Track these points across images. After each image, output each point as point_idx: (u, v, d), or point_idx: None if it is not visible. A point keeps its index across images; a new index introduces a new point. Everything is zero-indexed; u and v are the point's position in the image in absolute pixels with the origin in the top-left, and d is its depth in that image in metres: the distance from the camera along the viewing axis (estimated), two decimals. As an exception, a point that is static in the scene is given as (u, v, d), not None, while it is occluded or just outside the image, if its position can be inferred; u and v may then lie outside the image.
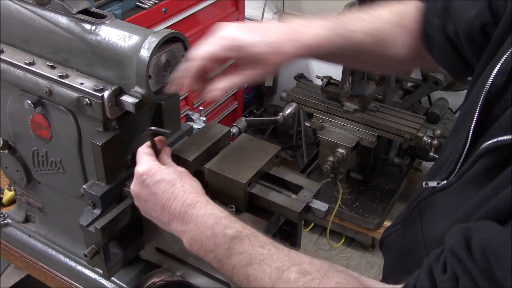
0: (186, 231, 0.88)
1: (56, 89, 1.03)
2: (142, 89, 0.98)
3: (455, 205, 0.81)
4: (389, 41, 1.02)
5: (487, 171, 0.76)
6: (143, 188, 0.93)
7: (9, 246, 1.41)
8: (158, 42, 0.95)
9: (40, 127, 1.13)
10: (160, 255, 1.16)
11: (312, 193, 1.02)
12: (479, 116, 0.80)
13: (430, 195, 0.92)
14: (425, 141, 2.41)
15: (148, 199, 0.93)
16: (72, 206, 1.20)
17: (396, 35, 1.02)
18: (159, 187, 0.91)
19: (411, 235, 0.94)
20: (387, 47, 1.02)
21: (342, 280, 0.76)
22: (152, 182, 0.91)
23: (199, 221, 0.87)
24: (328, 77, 2.71)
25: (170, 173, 0.92)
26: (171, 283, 1.19)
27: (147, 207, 0.94)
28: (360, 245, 2.90)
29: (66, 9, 1.02)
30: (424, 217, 0.92)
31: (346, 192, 2.82)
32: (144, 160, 0.95)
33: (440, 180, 0.89)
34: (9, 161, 1.24)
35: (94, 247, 1.05)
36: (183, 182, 0.92)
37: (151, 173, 0.92)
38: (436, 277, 0.65)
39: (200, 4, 2.66)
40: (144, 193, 0.93)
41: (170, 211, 0.90)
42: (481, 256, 0.60)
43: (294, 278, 0.77)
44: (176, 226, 0.90)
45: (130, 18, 2.25)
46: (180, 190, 0.90)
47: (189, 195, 0.90)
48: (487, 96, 0.79)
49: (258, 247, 0.82)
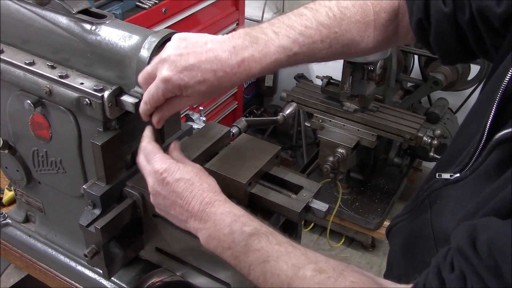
0: (204, 229, 0.89)
1: (56, 89, 1.03)
2: (142, 89, 0.97)
3: (466, 198, 0.82)
4: (353, 41, 1.00)
5: (498, 164, 0.77)
6: (163, 186, 0.93)
7: (9, 246, 1.41)
8: (158, 42, 0.95)
9: (40, 127, 1.13)
10: (160, 255, 1.16)
11: (312, 193, 1.02)
12: (495, 113, 0.80)
13: (442, 187, 0.92)
14: (425, 141, 2.41)
15: (168, 197, 0.93)
16: (72, 206, 1.20)
17: (360, 33, 1.00)
18: (179, 185, 0.91)
19: (419, 225, 0.95)
20: (350, 46, 1.01)
21: (357, 279, 0.77)
22: (172, 180, 0.92)
23: (217, 219, 0.88)
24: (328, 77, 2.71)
25: (189, 171, 0.93)
26: (171, 283, 1.19)
27: (165, 205, 0.94)
28: (360, 245, 2.90)
29: (66, 9, 1.02)
30: (434, 208, 0.92)
31: (346, 192, 2.82)
32: (160, 157, 0.94)
33: (454, 173, 0.90)
34: (9, 161, 1.24)
35: (94, 247, 1.05)
36: (202, 181, 0.92)
37: (170, 171, 0.92)
38: (444, 276, 0.66)
39: (200, 4, 2.66)
40: (164, 191, 0.93)
41: (189, 209, 0.90)
42: (488, 254, 0.60)
43: (310, 276, 0.78)
44: (194, 224, 0.90)
45: (130, 18, 2.25)
46: (199, 189, 0.91)
47: (208, 194, 0.91)
48: (504, 94, 0.79)
49: (275, 244, 0.83)
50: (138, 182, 1.07)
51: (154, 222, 1.09)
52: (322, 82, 2.70)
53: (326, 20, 0.96)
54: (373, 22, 1.01)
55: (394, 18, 1.03)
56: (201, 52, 0.88)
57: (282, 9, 3.45)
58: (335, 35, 0.97)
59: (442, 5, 0.95)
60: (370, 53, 1.06)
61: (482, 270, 0.61)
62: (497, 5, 0.86)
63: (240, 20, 3.04)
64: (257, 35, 0.90)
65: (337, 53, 1.00)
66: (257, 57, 0.89)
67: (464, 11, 0.93)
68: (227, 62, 0.88)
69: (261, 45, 0.89)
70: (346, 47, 1.00)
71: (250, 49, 0.89)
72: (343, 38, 0.98)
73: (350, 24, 0.99)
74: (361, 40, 1.01)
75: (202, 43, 0.90)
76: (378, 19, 1.01)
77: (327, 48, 0.98)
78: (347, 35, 0.98)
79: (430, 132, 2.44)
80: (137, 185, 1.06)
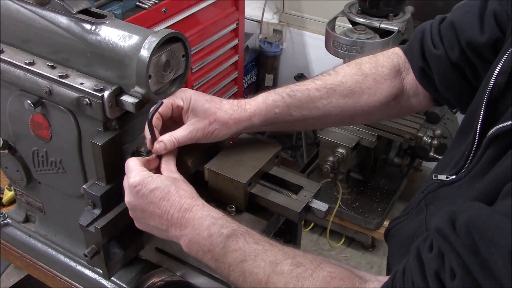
0: (184, 235, 0.89)
1: (56, 89, 1.03)
2: (142, 89, 0.98)
3: (461, 198, 0.83)
4: (359, 91, 1.05)
5: (493, 161, 0.77)
6: (138, 199, 0.93)
7: (9, 246, 1.41)
8: (158, 42, 0.95)
9: (40, 127, 1.13)
10: (160, 255, 1.16)
11: (312, 193, 1.02)
12: (485, 114, 0.82)
13: (438, 188, 0.93)
14: (425, 141, 2.41)
15: (145, 209, 0.93)
16: (72, 206, 1.20)
17: (367, 84, 1.05)
18: (155, 195, 0.91)
19: (415, 225, 0.96)
20: (357, 97, 1.05)
21: (335, 270, 0.78)
22: (147, 191, 0.91)
23: (196, 224, 0.88)
24: (328, 77, 2.70)
25: (164, 180, 0.93)
26: (171, 283, 1.19)
27: (144, 217, 0.95)
28: (360, 245, 2.90)
29: (66, 9, 1.02)
30: (430, 209, 0.93)
31: (346, 192, 2.82)
32: (135, 171, 0.94)
33: (450, 175, 0.91)
34: (9, 161, 1.24)
35: (94, 247, 1.05)
36: (178, 188, 0.92)
37: (144, 182, 0.92)
38: (422, 256, 0.67)
39: (200, 4, 2.66)
40: (140, 204, 0.93)
41: (168, 218, 0.91)
42: (466, 233, 0.61)
43: (287, 270, 0.79)
44: (175, 231, 0.91)
45: (130, 18, 2.24)
46: (175, 196, 0.91)
47: (185, 200, 0.91)
48: (491, 95, 0.81)
49: (252, 243, 0.84)
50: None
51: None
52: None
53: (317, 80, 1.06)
54: (373, 75, 1.05)
55: (396, 74, 1.07)
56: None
57: (282, 9, 3.45)
58: (331, 86, 1.04)
59: (433, 48, 1.00)
60: (381, 108, 1.08)
61: (460, 248, 0.61)
62: (481, 34, 0.90)
63: (240, 20, 3.04)
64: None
65: (340, 105, 1.05)
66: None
67: (454, 49, 0.96)
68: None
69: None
70: (348, 98, 1.04)
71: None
72: (341, 88, 1.04)
73: (346, 77, 1.05)
74: (361, 91, 1.04)
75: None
76: (376, 72, 1.06)
77: (325, 98, 1.03)
78: (344, 85, 1.04)
79: (430, 132, 2.44)
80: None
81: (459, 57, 0.96)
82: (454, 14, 0.98)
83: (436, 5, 2.76)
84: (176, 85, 1.06)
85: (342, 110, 1.06)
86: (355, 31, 2.40)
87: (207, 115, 1.00)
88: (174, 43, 1.01)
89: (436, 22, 1.02)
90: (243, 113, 1.02)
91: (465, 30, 0.94)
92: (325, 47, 2.48)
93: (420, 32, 1.04)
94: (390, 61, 1.07)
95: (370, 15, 2.46)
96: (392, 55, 1.09)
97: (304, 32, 3.39)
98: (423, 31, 1.03)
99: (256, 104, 1.03)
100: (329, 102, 1.04)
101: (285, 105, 1.04)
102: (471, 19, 0.93)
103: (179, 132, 0.99)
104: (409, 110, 1.12)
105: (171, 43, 1.00)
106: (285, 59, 3.50)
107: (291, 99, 1.04)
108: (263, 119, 1.03)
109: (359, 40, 2.35)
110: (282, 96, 1.04)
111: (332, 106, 1.05)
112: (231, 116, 1.01)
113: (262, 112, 1.03)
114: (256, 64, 3.52)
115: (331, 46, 2.42)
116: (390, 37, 2.37)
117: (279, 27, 3.43)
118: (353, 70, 1.07)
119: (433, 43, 1.00)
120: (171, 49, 1.00)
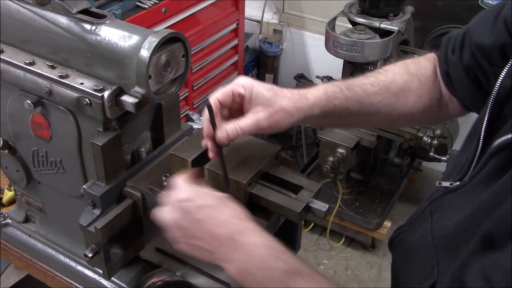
0: (235, 260, 0.84)
1: (56, 89, 1.03)
2: (142, 89, 0.98)
3: (465, 205, 0.82)
4: (407, 91, 1.04)
5: (497, 171, 0.77)
6: (184, 215, 0.87)
7: (9, 246, 1.41)
8: (158, 42, 0.95)
9: (40, 127, 1.13)
10: (160, 255, 1.16)
11: (312, 193, 1.01)
12: (489, 118, 0.82)
13: (443, 195, 0.92)
14: (425, 141, 2.42)
15: (190, 227, 0.87)
16: (72, 206, 1.20)
17: (414, 85, 1.05)
18: (203, 213, 0.86)
19: (421, 234, 0.94)
20: (405, 96, 1.04)
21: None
22: (195, 208, 0.87)
23: (249, 249, 0.83)
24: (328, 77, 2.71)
25: (213, 198, 0.89)
26: (171, 283, 1.19)
27: (187, 237, 0.88)
28: (360, 245, 2.90)
29: (66, 9, 1.02)
30: (435, 217, 0.92)
31: (346, 192, 2.82)
32: (182, 185, 0.91)
33: (454, 181, 0.90)
34: (9, 161, 1.24)
35: (94, 247, 1.05)
36: (228, 208, 0.88)
37: (192, 198, 0.88)
38: None
39: (200, 4, 2.66)
40: (185, 221, 0.87)
41: (216, 238, 0.85)
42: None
43: None
44: (223, 254, 0.85)
45: (130, 18, 2.25)
46: (225, 216, 0.86)
47: (235, 221, 0.86)
48: (496, 98, 0.81)
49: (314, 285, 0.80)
50: (138, 182, 1.07)
51: (154, 222, 1.09)
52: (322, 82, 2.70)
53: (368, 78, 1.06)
54: (418, 76, 1.05)
55: (436, 77, 1.06)
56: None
57: (282, 9, 3.45)
58: (384, 82, 1.04)
59: (451, 54, 1.00)
60: (424, 111, 1.08)
61: None
62: (488, 37, 0.90)
63: (240, 20, 3.04)
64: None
65: (391, 104, 1.04)
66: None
67: (466, 52, 0.97)
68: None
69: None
70: (398, 97, 1.04)
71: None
72: (393, 86, 1.04)
73: (396, 75, 1.05)
74: (409, 91, 1.04)
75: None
76: (421, 73, 1.06)
77: (379, 94, 1.03)
78: (395, 83, 1.04)
79: (430, 132, 2.44)
80: (137, 185, 1.06)
81: (470, 59, 0.95)
82: (472, 21, 0.99)
83: (436, 5, 2.76)
84: (176, 85, 1.06)
85: (391, 109, 1.05)
86: (355, 31, 2.40)
87: (272, 103, 0.95)
88: (174, 43, 1.01)
89: (462, 30, 1.02)
90: (305, 101, 0.98)
91: (476, 34, 0.94)
92: (325, 47, 2.48)
93: (446, 39, 1.05)
94: (431, 64, 1.07)
95: (370, 15, 2.46)
96: (431, 58, 1.08)
97: (304, 32, 3.39)
98: (449, 38, 1.04)
99: (317, 94, 1.00)
100: (382, 99, 1.03)
101: (343, 98, 1.01)
102: (484, 24, 0.94)
103: (243, 121, 0.94)
104: (446, 116, 1.11)
105: (171, 43, 1.00)
106: (285, 59, 3.50)
107: (349, 92, 1.02)
108: (323, 109, 1.00)
109: (359, 40, 2.35)
110: (341, 88, 1.02)
111: (384, 104, 1.04)
112: (295, 104, 0.97)
113: (322, 102, 1.00)
114: (256, 64, 3.52)
115: (331, 46, 2.42)
116: (390, 37, 2.37)
117: (279, 27, 3.43)
118: (401, 69, 1.06)
119: (453, 49, 1.00)
120: (171, 49, 1.00)
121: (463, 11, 2.64)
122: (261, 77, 3.55)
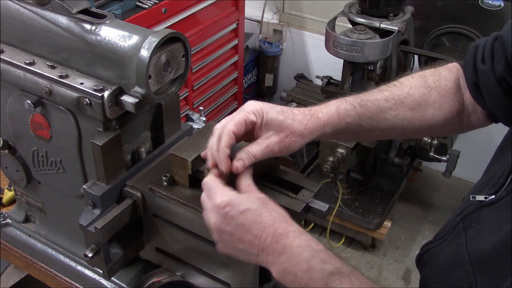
0: (279, 262, 0.84)
1: (56, 89, 1.03)
2: (142, 89, 0.98)
3: (503, 220, 0.80)
4: (425, 104, 1.02)
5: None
6: (228, 220, 0.87)
7: (9, 246, 1.41)
8: (158, 42, 0.95)
9: (40, 127, 1.13)
10: (160, 255, 1.16)
11: (312, 193, 1.01)
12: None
13: (477, 210, 0.89)
14: (425, 141, 2.42)
15: (234, 232, 0.87)
16: (72, 206, 1.20)
17: (432, 98, 1.03)
18: (246, 217, 0.86)
19: (453, 250, 0.91)
20: (423, 110, 1.03)
21: None
22: (237, 213, 0.86)
23: (293, 253, 0.83)
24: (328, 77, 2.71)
25: (255, 201, 0.88)
26: (171, 283, 1.19)
27: (232, 241, 0.89)
28: (360, 245, 2.90)
29: (66, 9, 1.02)
30: (469, 232, 0.89)
31: (346, 192, 2.82)
32: (219, 190, 0.90)
33: (488, 195, 0.87)
34: (9, 161, 1.24)
35: (94, 247, 1.05)
36: (270, 210, 0.87)
37: (233, 203, 0.87)
38: None
39: (200, 4, 2.66)
40: (229, 226, 0.87)
41: (260, 242, 0.85)
42: None
43: None
44: (267, 257, 0.85)
45: (130, 18, 2.25)
46: (269, 219, 0.86)
47: (280, 224, 0.85)
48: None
49: (357, 285, 0.80)
50: (138, 182, 1.07)
51: (154, 222, 1.09)
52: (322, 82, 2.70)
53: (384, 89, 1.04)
54: (437, 88, 1.03)
55: (458, 88, 1.04)
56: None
57: (282, 9, 3.45)
58: (399, 97, 1.02)
59: (481, 63, 0.97)
60: (444, 124, 1.06)
61: None
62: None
63: (240, 20, 3.04)
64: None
65: (407, 118, 1.03)
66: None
67: (500, 62, 0.93)
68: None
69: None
70: (415, 111, 1.02)
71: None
72: (408, 100, 1.02)
73: (412, 89, 1.03)
74: (427, 105, 1.02)
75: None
76: (440, 86, 1.03)
77: (394, 109, 1.01)
78: (411, 97, 1.02)
79: (430, 132, 2.43)
80: (137, 185, 1.06)
81: (504, 69, 0.93)
82: (504, 29, 0.96)
83: (436, 5, 2.76)
84: (176, 85, 1.06)
85: (408, 123, 1.03)
86: (355, 31, 2.40)
87: (283, 127, 0.95)
88: (174, 43, 1.01)
89: (490, 38, 0.99)
90: (316, 122, 0.98)
91: (510, 42, 0.91)
92: (325, 47, 2.48)
93: (473, 48, 1.02)
94: (453, 75, 1.05)
95: (370, 15, 2.46)
96: (453, 69, 1.06)
97: (304, 32, 3.39)
98: (476, 47, 1.01)
99: (328, 113, 0.99)
100: (397, 114, 1.02)
101: (356, 115, 1.01)
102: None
103: (255, 148, 0.94)
104: (469, 127, 1.09)
105: (171, 43, 1.00)
106: (285, 59, 3.50)
107: (362, 109, 1.01)
108: (335, 128, 1.00)
109: (359, 40, 2.35)
110: (354, 105, 1.01)
111: (399, 119, 1.03)
112: (306, 126, 0.96)
113: (334, 121, 0.99)
114: (256, 64, 3.52)
115: (331, 46, 2.42)
116: (390, 37, 2.37)
117: (279, 27, 3.43)
118: (418, 82, 1.04)
119: (483, 58, 0.98)
120: (171, 49, 1.00)
121: (463, 11, 2.64)
122: (261, 77, 3.55)
